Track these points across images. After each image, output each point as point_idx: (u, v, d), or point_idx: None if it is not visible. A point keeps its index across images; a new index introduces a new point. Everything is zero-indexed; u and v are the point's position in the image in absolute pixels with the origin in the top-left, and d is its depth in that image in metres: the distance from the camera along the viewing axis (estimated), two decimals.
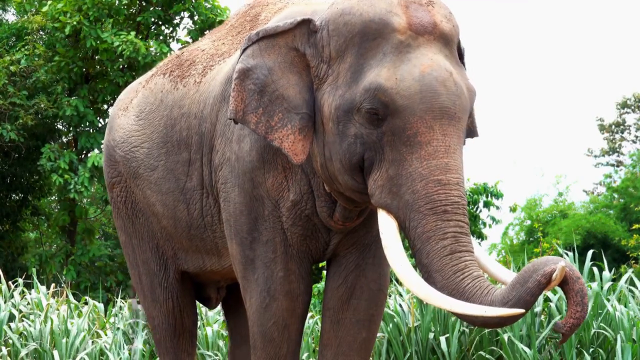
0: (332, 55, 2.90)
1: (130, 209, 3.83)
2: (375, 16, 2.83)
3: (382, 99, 2.76)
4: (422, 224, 2.71)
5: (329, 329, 3.28)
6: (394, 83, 2.75)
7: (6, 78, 12.65)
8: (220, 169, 3.27)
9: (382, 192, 2.79)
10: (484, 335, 5.20)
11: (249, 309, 3.27)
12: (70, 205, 13.59)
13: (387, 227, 2.80)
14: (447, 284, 2.66)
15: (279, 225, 3.15)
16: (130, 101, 3.87)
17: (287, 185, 3.10)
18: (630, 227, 14.36)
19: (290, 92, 2.95)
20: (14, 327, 6.13)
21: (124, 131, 3.79)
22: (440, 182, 2.72)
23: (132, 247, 3.87)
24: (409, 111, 2.74)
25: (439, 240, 2.69)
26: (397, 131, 2.76)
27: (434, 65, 2.77)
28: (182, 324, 3.85)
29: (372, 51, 2.82)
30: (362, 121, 2.80)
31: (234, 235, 3.25)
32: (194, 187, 3.45)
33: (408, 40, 2.80)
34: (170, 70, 3.65)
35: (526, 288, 2.55)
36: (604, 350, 5.06)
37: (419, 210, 2.72)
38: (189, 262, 3.71)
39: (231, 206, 3.23)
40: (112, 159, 3.86)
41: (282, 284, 3.18)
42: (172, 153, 3.51)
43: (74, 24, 12.47)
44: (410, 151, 2.74)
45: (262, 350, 3.24)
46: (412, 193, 2.73)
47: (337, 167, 2.90)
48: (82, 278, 13.05)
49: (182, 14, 13.85)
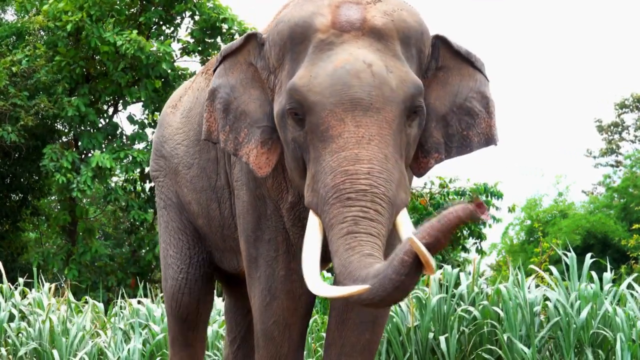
0: (275, 65, 2.94)
1: (163, 202, 3.94)
2: (300, 19, 2.84)
3: (297, 98, 2.75)
4: (328, 213, 2.65)
5: (334, 328, 3.28)
6: (307, 81, 2.74)
7: (7, 79, 12.65)
8: (234, 167, 3.31)
9: (307, 192, 2.77)
10: (483, 334, 5.21)
11: (253, 307, 3.29)
12: (70, 205, 13.60)
13: (310, 225, 2.75)
14: (341, 263, 2.58)
15: (281, 225, 3.16)
16: (179, 99, 3.93)
17: (286, 187, 3.11)
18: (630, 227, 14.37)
19: (251, 107, 2.99)
20: (14, 327, 6.14)
21: (172, 129, 3.85)
22: (347, 173, 2.64)
23: (163, 238, 3.97)
24: (320, 106, 2.71)
25: (338, 224, 2.61)
26: (313, 128, 2.74)
27: (350, 59, 2.73)
28: (195, 319, 3.93)
29: (301, 54, 2.83)
30: (292, 123, 2.80)
31: (241, 233, 3.28)
32: (222, 186, 3.48)
33: (330, 39, 2.78)
34: (207, 69, 3.69)
35: (392, 265, 2.45)
36: (604, 351, 5.07)
37: (328, 201, 2.66)
38: (224, 262, 3.77)
39: (240, 204, 3.27)
40: (158, 153, 3.96)
41: (283, 283, 3.18)
42: (205, 151, 3.56)
43: (75, 21, 12.45)
44: (324, 146, 2.70)
45: (263, 348, 3.26)
46: (324, 187, 2.68)
47: (293, 175, 2.92)
48: (83, 277, 13.05)
49: (183, 14, 13.84)
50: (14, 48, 13.56)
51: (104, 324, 6.56)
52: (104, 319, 6.72)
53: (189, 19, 13.86)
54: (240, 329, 4.19)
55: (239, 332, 4.19)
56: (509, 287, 5.25)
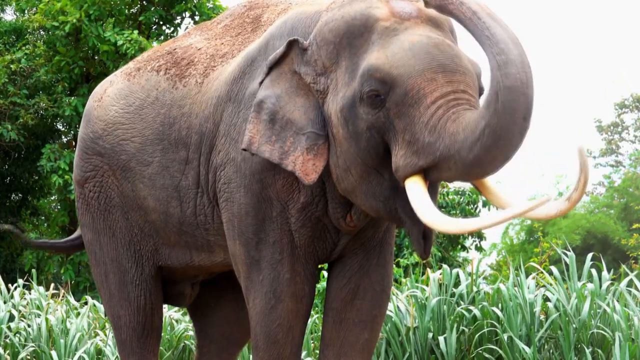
0: (326, 65, 2.95)
1: (102, 204, 3.76)
2: (357, 13, 2.88)
3: (377, 77, 2.76)
4: (444, 130, 2.66)
5: (331, 328, 3.28)
6: (385, 59, 2.76)
7: (6, 77, 12.64)
8: (222, 169, 3.27)
9: (405, 158, 2.74)
10: (483, 334, 5.20)
11: (252, 310, 3.26)
12: (70, 205, 13.59)
13: (415, 189, 2.73)
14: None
15: (286, 227, 3.15)
16: (104, 91, 3.82)
17: (298, 187, 3.10)
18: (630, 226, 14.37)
19: (296, 115, 2.99)
20: (13, 327, 6.14)
21: (105, 123, 3.73)
22: (448, 106, 2.67)
23: (100, 244, 3.80)
24: (406, 76, 2.72)
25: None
26: (400, 99, 2.74)
27: (422, 36, 2.78)
28: (151, 322, 3.80)
29: (362, 47, 2.86)
30: (367, 109, 2.79)
31: (237, 236, 3.24)
32: (188, 186, 3.44)
33: (394, 25, 2.84)
34: (165, 68, 3.62)
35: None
36: (603, 350, 5.06)
37: (440, 130, 2.66)
38: (174, 257, 3.68)
39: (235, 206, 3.23)
40: (91, 151, 3.78)
41: (288, 286, 3.17)
42: (169, 151, 3.50)
43: (73, 22, 12.45)
44: (417, 106, 2.71)
45: (264, 351, 3.24)
46: (429, 131, 2.67)
47: (357, 174, 2.89)
48: (82, 278, 13.04)
49: (183, 14, 13.84)
50: (13, 47, 13.55)
51: (103, 324, 6.56)
52: (103, 318, 6.71)
53: (189, 19, 13.86)
54: (217, 329, 4.15)
55: (214, 333, 4.14)
56: (509, 287, 5.25)
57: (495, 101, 2.51)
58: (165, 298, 3.96)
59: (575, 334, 5.05)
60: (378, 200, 2.89)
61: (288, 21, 3.15)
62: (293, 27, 3.10)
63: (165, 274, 3.81)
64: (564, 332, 5.05)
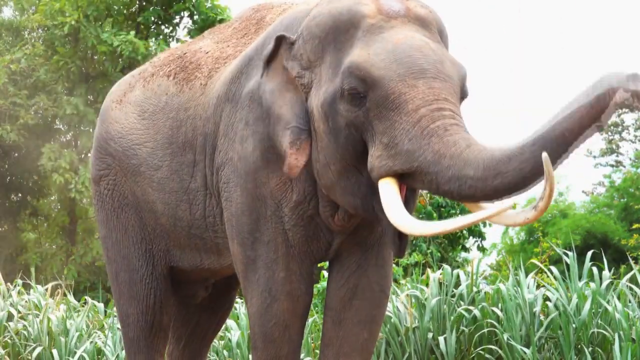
0: (311, 60, 2.95)
1: (116, 202, 3.79)
2: (344, 9, 2.88)
3: (358, 75, 2.76)
4: (428, 144, 2.64)
5: (330, 328, 3.28)
6: (368, 57, 2.76)
7: (6, 77, 12.65)
8: (222, 169, 3.28)
9: (380, 160, 2.74)
10: (483, 334, 5.20)
11: (250, 309, 3.27)
12: (70, 205, 13.60)
13: (387, 189, 2.74)
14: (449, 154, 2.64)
15: (280, 226, 3.15)
16: (123, 94, 3.86)
17: (291, 186, 3.10)
18: (630, 226, 14.37)
19: (284, 110, 3.00)
20: (13, 327, 6.14)
21: (121, 126, 3.77)
22: (433, 117, 2.66)
23: (112, 241, 3.83)
24: (387, 78, 2.72)
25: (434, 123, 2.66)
26: (380, 101, 2.74)
27: (407, 37, 2.78)
28: (160, 321, 3.81)
29: (347, 42, 2.86)
30: (347, 107, 2.79)
31: (235, 235, 3.25)
32: (197, 188, 3.46)
33: (380, 23, 2.84)
34: (174, 72, 3.65)
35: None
36: (603, 350, 5.06)
37: (422, 141, 2.65)
38: (184, 260, 3.71)
39: (233, 206, 3.24)
40: (104, 151, 3.83)
41: (283, 285, 3.17)
42: (177, 154, 3.52)
43: (72, 22, 12.45)
44: (398, 112, 2.71)
45: (262, 350, 3.24)
46: (410, 139, 2.68)
47: (336, 170, 2.89)
48: (82, 278, 13.04)
49: (182, 14, 13.85)
50: (12, 47, 13.56)
51: (102, 324, 6.56)
52: (102, 318, 6.72)
53: (188, 18, 13.87)
54: (187, 327, 4.16)
55: (185, 331, 4.16)
56: (509, 287, 5.25)
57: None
58: (178, 298, 3.98)
59: (575, 333, 5.05)
60: (356, 197, 2.90)
61: (284, 20, 3.16)
62: (288, 25, 3.10)
63: (178, 275, 3.83)
64: (564, 332, 5.05)
